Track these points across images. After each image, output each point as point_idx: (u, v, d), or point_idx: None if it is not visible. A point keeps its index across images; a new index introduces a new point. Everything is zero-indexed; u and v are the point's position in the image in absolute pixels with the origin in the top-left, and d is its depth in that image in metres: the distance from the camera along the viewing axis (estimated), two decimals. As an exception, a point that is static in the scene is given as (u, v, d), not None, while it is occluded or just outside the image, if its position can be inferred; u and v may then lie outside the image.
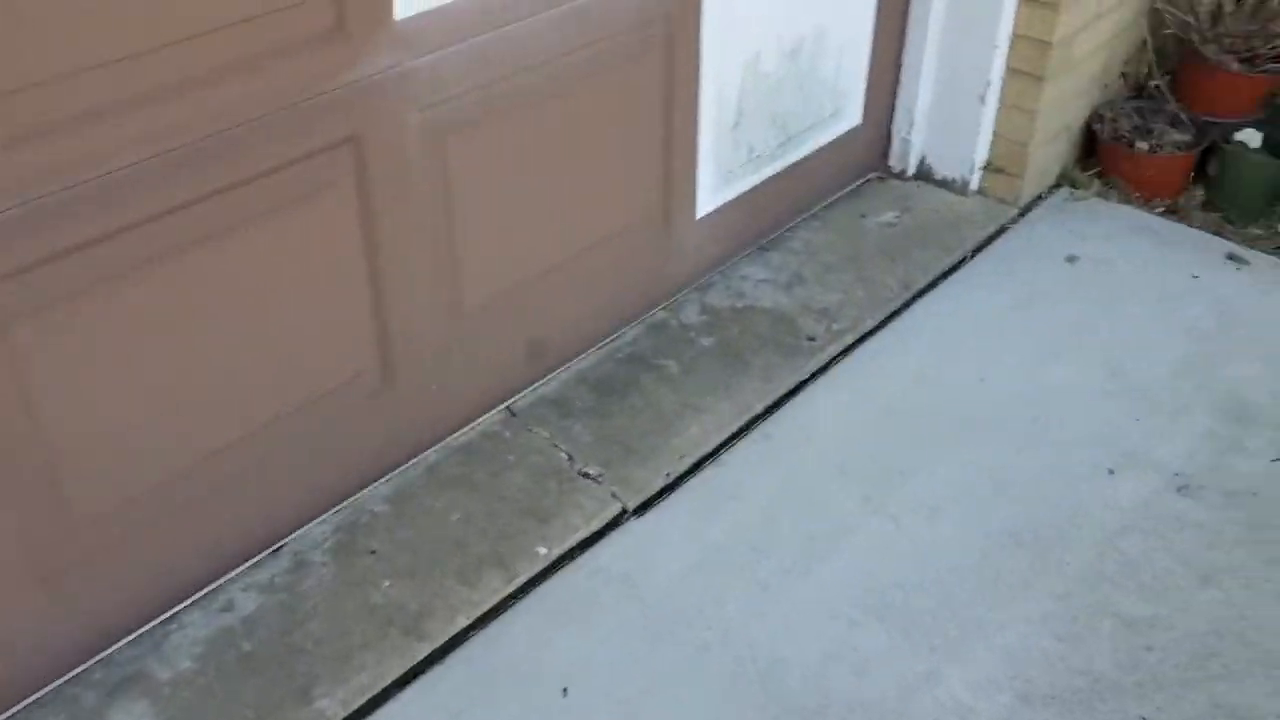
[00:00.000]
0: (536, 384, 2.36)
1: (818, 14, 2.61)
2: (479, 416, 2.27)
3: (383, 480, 2.14)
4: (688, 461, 2.21)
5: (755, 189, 2.71)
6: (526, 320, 2.28)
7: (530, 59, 1.99)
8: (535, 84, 2.03)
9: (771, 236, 2.86)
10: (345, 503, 2.10)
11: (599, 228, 2.34)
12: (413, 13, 1.79)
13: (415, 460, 2.18)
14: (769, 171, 2.73)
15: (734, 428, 2.31)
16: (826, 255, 2.82)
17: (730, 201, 2.65)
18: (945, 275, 2.79)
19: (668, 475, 2.18)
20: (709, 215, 2.60)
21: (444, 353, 2.13)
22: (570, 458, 2.20)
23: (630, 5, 2.13)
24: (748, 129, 2.59)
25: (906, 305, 2.68)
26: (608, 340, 2.50)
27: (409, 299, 2.01)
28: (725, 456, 2.25)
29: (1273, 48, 3.07)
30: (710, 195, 2.58)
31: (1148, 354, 2.50)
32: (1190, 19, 3.09)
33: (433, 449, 2.20)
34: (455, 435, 2.23)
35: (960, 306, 2.68)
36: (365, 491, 2.12)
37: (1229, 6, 3.10)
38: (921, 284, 2.74)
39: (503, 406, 2.31)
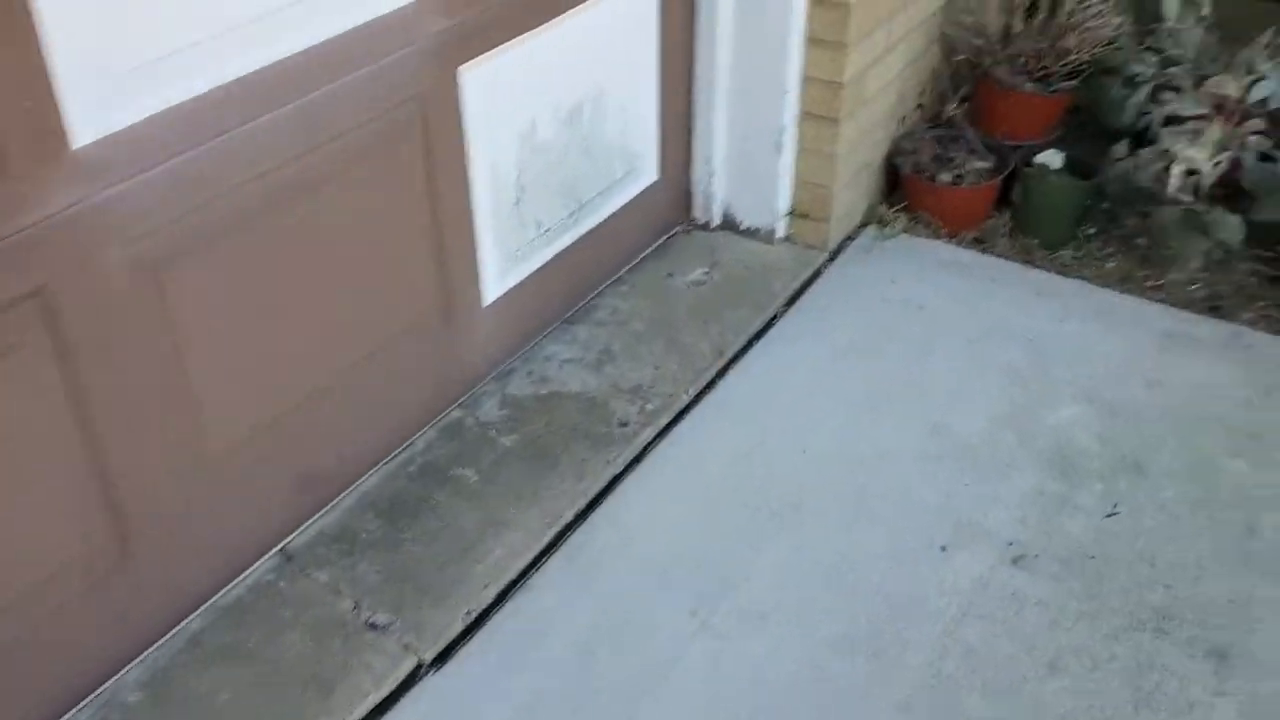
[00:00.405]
0: (314, 517, 2.10)
1: (593, 74, 2.42)
2: (247, 567, 1.99)
3: (137, 661, 1.84)
4: (492, 592, 1.98)
5: (550, 263, 2.50)
6: (293, 452, 2.01)
7: (254, 170, 1.73)
8: (265, 196, 1.77)
9: (576, 308, 2.66)
10: (92, 696, 1.79)
11: (368, 338, 2.08)
12: (95, 138, 1.51)
13: (174, 631, 1.89)
14: (563, 243, 2.52)
15: (543, 542, 2.09)
16: (635, 324, 2.63)
17: (523, 282, 2.43)
18: (759, 334, 2.64)
19: (469, 614, 1.94)
20: (499, 300, 2.38)
21: (192, 506, 1.84)
22: (356, 605, 1.94)
23: (369, 93, 1.89)
24: (532, 204, 2.38)
25: (721, 373, 2.51)
26: (396, 452, 2.25)
27: (139, 455, 1.72)
28: (535, 579, 2.03)
29: (1065, 65, 3.03)
30: (497, 280, 2.35)
31: (967, 405, 2.40)
32: (981, 42, 3.03)
33: (194, 615, 1.91)
34: (220, 594, 1.95)
35: (776, 367, 2.53)
36: (116, 679, 1.81)
37: (1018, 26, 3.05)
38: (735, 347, 2.58)
39: (275, 550, 2.03)
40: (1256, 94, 2.65)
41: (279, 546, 2.04)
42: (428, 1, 1.95)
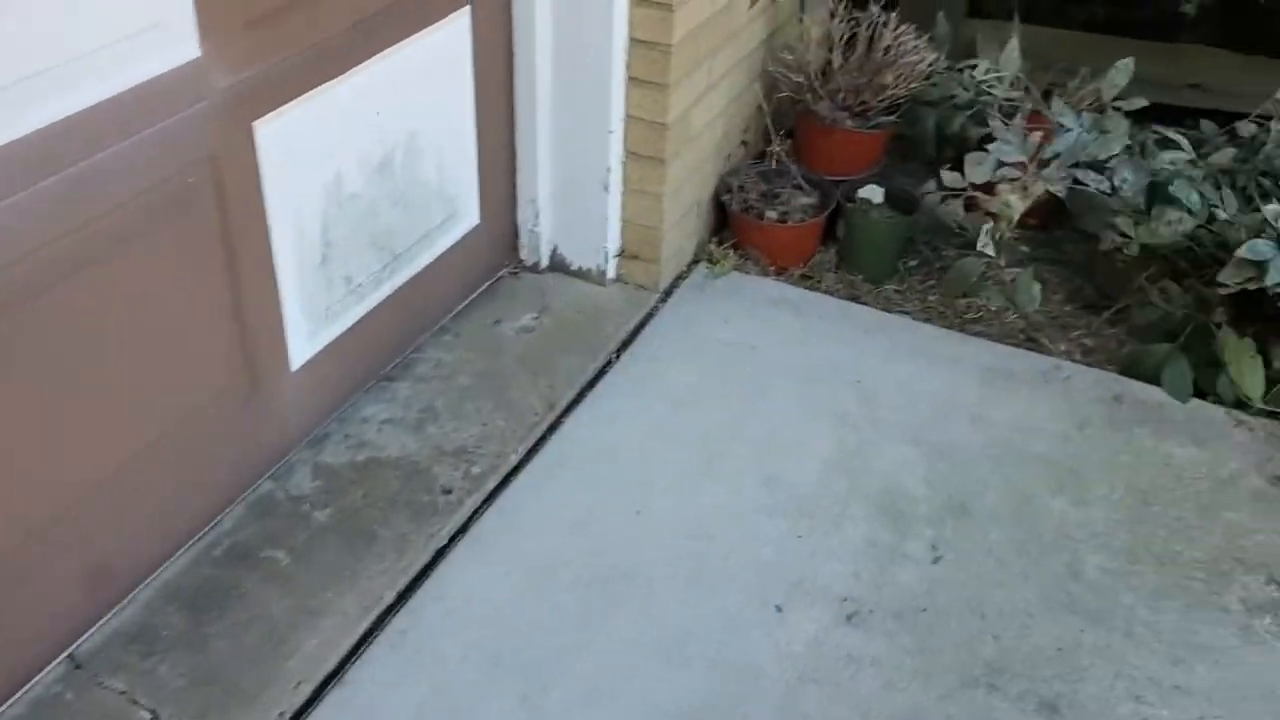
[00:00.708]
0: (107, 616, 1.92)
1: (404, 119, 2.30)
2: (28, 680, 1.80)
3: (-105, 801, 1.64)
4: (306, 690, 1.85)
5: (365, 319, 2.37)
6: (79, 547, 1.83)
7: (14, 252, 1.55)
8: (31, 279, 1.59)
9: (396, 363, 2.53)
10: None
11: (163, 417, 1.92)
12: None
13: (-59, 763, 1.69)
14: (378, 297, 2.39)
15: (362, 629, 1.96)
16: (461, 377, 2.52)
17: (335, 341, 2.29)
18: (592, 383, 2.56)
19: (281, 716, 1.80)
20: (308, 364, 2.23)
21: (-41, 622, 1.65)
22: (155, 715, 1.78)
23: (150, 158, 1.72)
24: (341, 260, 2.24)
25: (553, 428, 2.43)
26: (200, 535, 2.08)
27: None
28: (354, 671, 1.90)
29: (883, 100, 3.06)
30: (305, 343, 2.21)
31: (800, 452, 2.38)
32: (802, 78, 3.03)
33: (-35, 742, 1.72)
34: (-3, 715, 1.76)
35: (609, 420, 2.45)
36: None
37: (838, 61, 3.07)
38: (567, 399, 2.50)
39: (62, 658, 1.85)
40: (1058, 145, 2.72)
41: (66, 653, 1.85)
42: (215, 55, 1.80)
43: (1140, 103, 2.79)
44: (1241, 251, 2.41)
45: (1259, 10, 2.98)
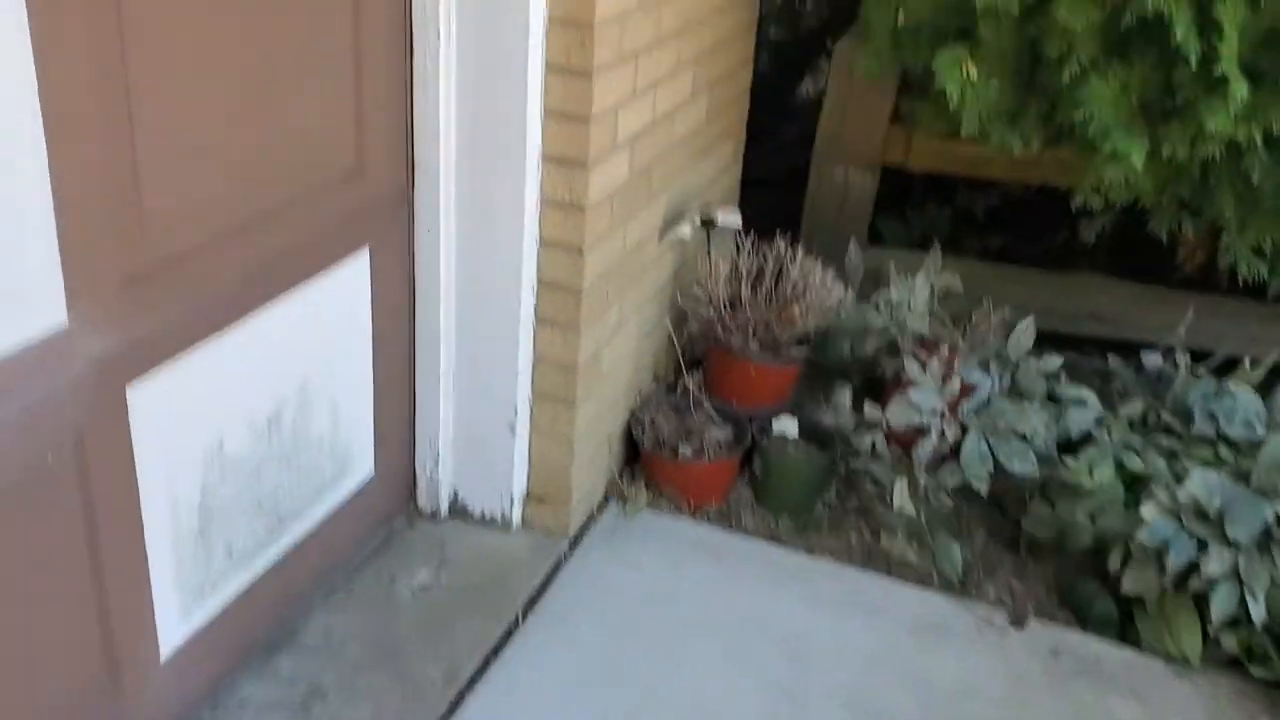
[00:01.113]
0: None
1: (296, 370, 2.13)
2: None
3: None
4: None
5: (247, 589, 2.13)
6: None
7: None
8: None
9: (281, 632, 2.27)
10: None
11: (-3, 733, 1.64)
12: None
13: None
14: (263, 564, 2.16)
15: None
16: (352, 647, 2.28)
17: (210, 621, 2.04)
18: (496, 649, 2.34)
19: None
20: (179, 650, 1.97)
21: None
22: None
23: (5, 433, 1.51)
24: (221, 529, 2.02)
25: (454, 707, 2.18)
26: None
27: None
28: None
29: (792, 333, 3.01)
30: (176, 626, 1.96)
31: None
32: (711, 312, 2.97)
33: None
34: None
35: (515, 695, 2.22)
36: None
37: (746, 295, 3.02)
38: (470, 669, 2.27)
39: None
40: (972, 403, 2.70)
41: None
42: (85, 319, 1.62)
43: (1054, 363, 2.80)
44: (1141, 536, 2.33)
45: (1152, 242, 3.05)
